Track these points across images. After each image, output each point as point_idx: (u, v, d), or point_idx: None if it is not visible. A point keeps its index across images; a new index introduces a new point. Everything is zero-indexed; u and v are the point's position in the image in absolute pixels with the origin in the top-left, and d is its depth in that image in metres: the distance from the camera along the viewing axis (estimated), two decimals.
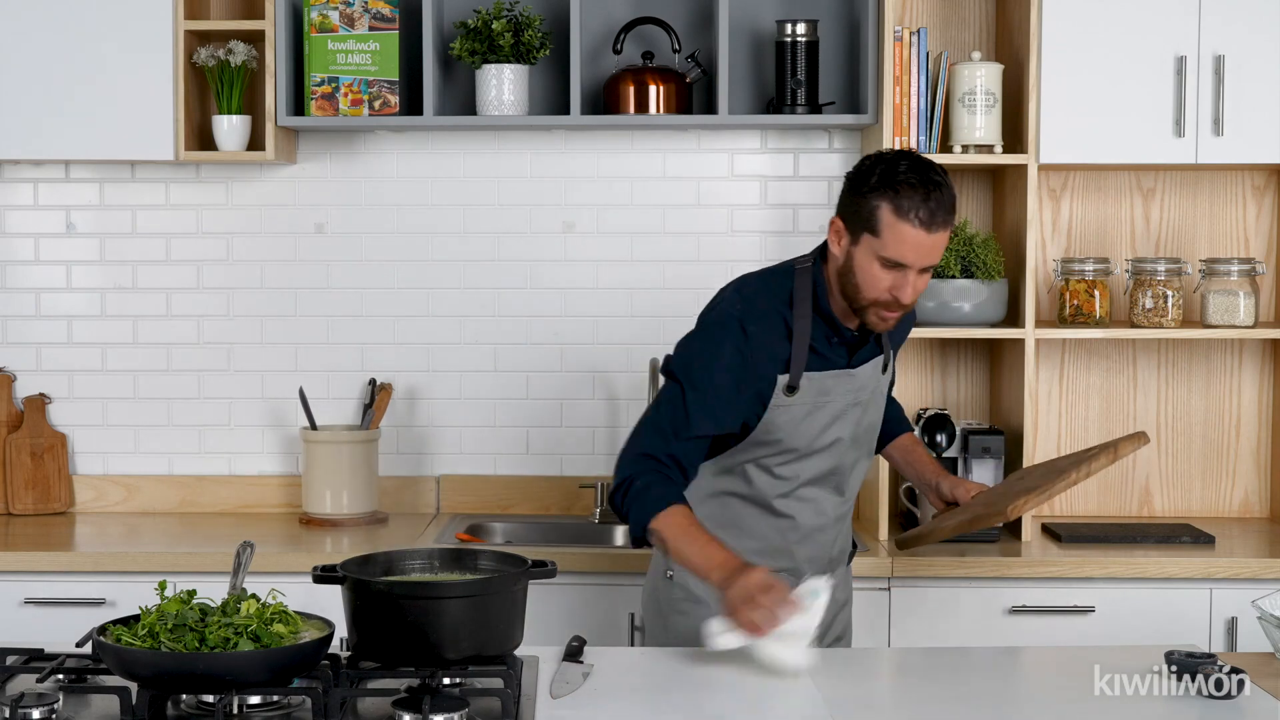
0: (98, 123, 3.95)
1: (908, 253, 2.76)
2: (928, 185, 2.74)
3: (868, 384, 2.98)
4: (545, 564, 2.60)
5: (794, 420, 2.91)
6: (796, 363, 2.88)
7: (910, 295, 2.80)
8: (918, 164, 2.78)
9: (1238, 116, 3.86)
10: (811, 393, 2.90)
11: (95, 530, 4.10)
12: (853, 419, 2.97)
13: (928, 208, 2.74)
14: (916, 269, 2.78)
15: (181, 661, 2.24)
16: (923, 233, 2.74)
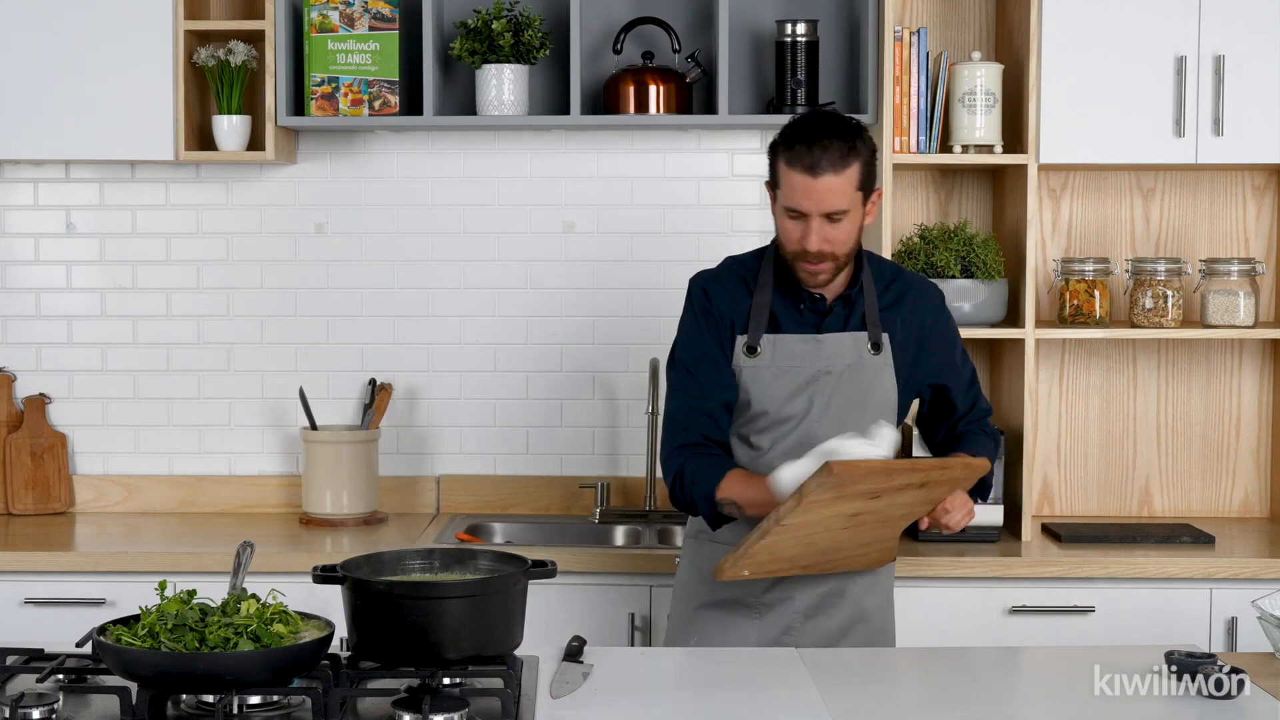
0: (98, 123, 3.95)
1: (800, 199, 2.90)
2: (814, 133, 2.89)
3: (842, 355, 3.02)
4: (545, 564, 2.60)
5: (759, 382, 3.01)
6: (755, 323, 3.01)
7: (815, 243, 2.91)
8: (815, 116, 2.95)
9: (1238, 116, 3.86)
10: (774, 355, 3.01)
11: (95, 530, 4.10)
12: (825, 389, 3.01)
13: (812, 154, 2.87)
14: (816, 216, 2.90)
15: (181, 661, 2.24)
16: (808, 178, 2.88)
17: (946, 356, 3.15)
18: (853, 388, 3.03)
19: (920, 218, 4.21)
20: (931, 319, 3.14)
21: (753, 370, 3.03)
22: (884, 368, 3.07)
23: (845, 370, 3.03)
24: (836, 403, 3.03)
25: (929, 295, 3.16)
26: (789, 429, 3.03)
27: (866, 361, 3.05)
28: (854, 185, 2.92)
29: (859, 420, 3.00)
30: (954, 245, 3.93)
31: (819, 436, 2.98)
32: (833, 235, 2.93)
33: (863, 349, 3.05)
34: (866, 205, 2.98)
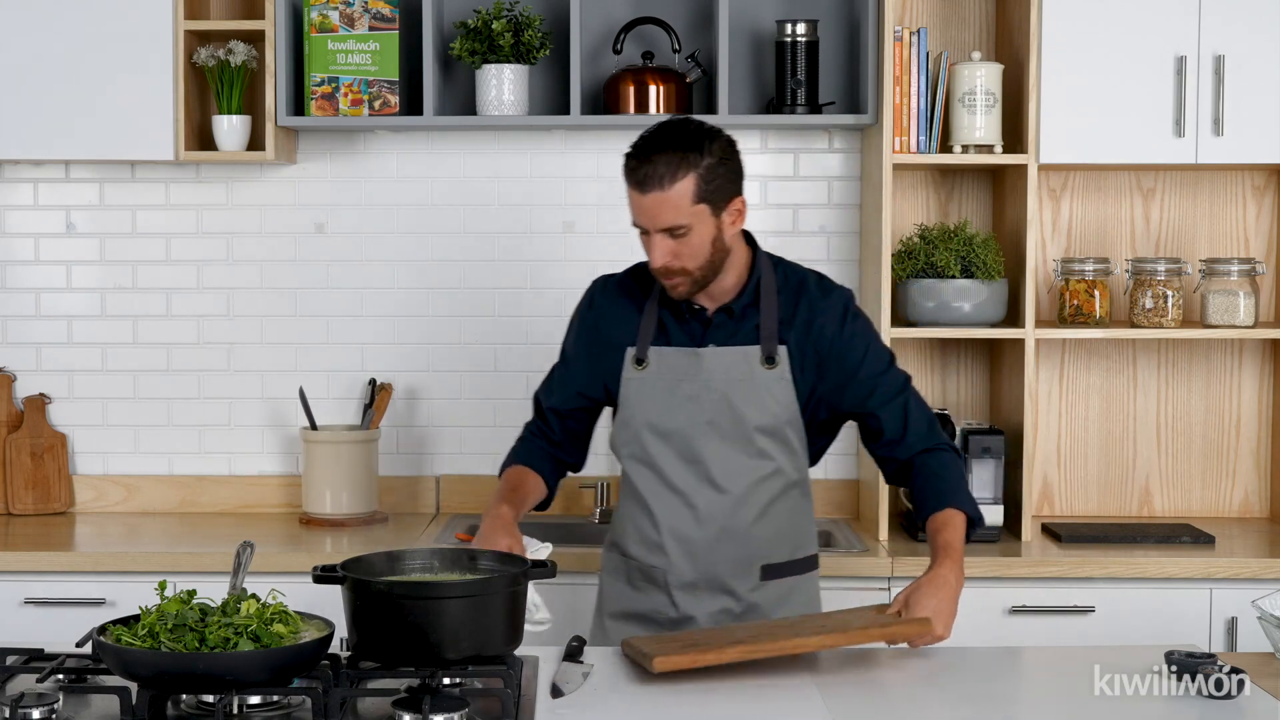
0: (98, 123, 3.95)
1: (637, 214, 2.84)
2: (647, 146, 2.81)
3: (725, 370, 2.92)
4: (545, 564, 2.60)
5: (646, 394, 2.96)
6: (643, 335, 2.97)
7: (658, 258, 2.83)
8: (658, 127, 2.84)
9: (1238, 116, 3.87)
10: (661, 368, 2.96)
11: (95, 530, 4.10)
12: (706, 405, 2.92)
13: (640, 171, 2.80)
14: (655, 231, 2.82)
15: (181, 661, 2.24)
16: (638, 194, 2.81)
17: (856, 369, 2.95)
18: (742, 402, 2.92)
19: (920, 218, 4.21)
20: (834, 330, 2.95)
21: (639, 382, 2.96)
22: (779, 382, 2.92)
23: (734, 385, 2.92)
24: (722, 418, 2.92)
25: (830, 304, 2.97)
26: (673, 443, 2.95)
27: (759, 376, 2.92)
28: (689, 199, 2.78)
29: (746, 435, 2.92)
30: (954, 245, 3.94)
31: (702, 452, 2.92)
32: (679, 250, 2.83)
33: (753, 363, 2.92)
34: (721, 216, 2.83)
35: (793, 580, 3.04)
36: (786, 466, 2.98)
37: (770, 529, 2.99)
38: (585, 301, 3.10)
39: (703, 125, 2.86)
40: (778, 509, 3.00)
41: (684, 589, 2.98)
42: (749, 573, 2.98)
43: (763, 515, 2.98)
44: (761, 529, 2.98)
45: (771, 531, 2.99)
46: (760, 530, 2.98)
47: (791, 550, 3.04)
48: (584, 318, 3.08)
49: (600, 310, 3.05)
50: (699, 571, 2.97)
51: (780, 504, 3.00)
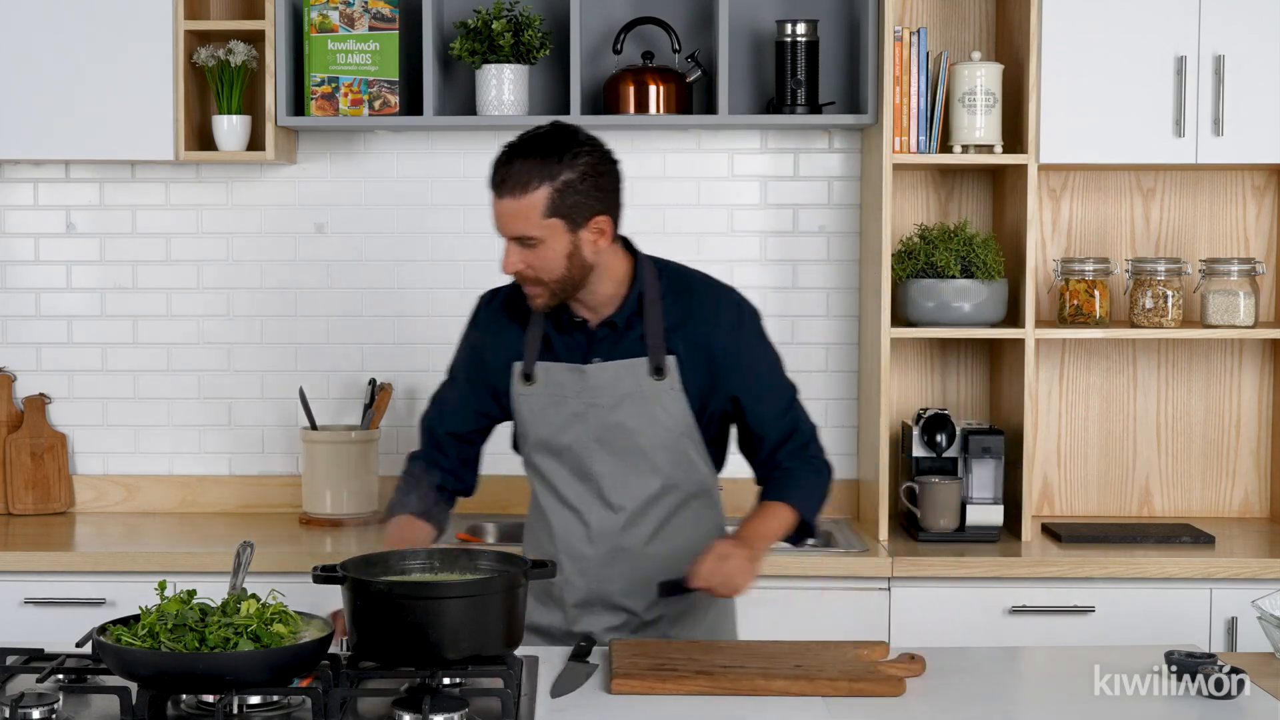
0: (98, 123, 3.95)
1: (494, 219, 2.76)
2: (513, 150, 2.73)
3: (612, 386, 2.84)
4: (545, 564, 2.60)
5: (535, 411, 2.89)
6: (529, 351, 2.89)
7: (508, 265, 2.76)
8: (532, 134, 2.75)
9: (1238, 116, 3.86)
10: (548, 384, 2.88)
11: (95, 530, 4.10)
12: (593, 421, 2.85)
13: (498, 174, 2.73)
14: (508, 238, 2.74)
15: (181, 661, 2.24)
16: (494, 196, 2.74)
17: (746, 374, 2.88)
18: (632, 418, 2.84)
19: (920, 218, 4.21)
20: (725, 335, 2.87)
21: (527, 398, 2.89)
22: (670, 392, 2.83)
23: (620, 401, 2.83)
24: (610, 435, 2.84)
25: (721, 310, 2.89)
26: (565, 461, 2.89)
27: (647, 389, 2.83)
28: (539, 212, 2.69)
29: (639, 451, 2.85)
30: (954, 245, 3.94)
31: (593, 470, 2.86)
32: (530, 260, 2.74)
33: (641, 376, 2.83)
34: (579, 233, 2.73)
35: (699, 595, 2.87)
36: (684, 481, 2.90)
37: (667, 547, 2.90)
38: (471, 319, 3.03)
39: (576, 135, 2.74)
40: (676, 525, 2.91)
41: (579, 606, 2.92)
42: (644, 591, 2.89)
43: (658, 533, 2.89)
44: (657, 547, 2.89)
45: (668, 549, 2.89)
46: (656, 549, 2.89)
47: None
48: (470, 336, 3.01)
49: (486, 327, 2.98)
50: (592, 590, 2.90)
51: (678, 520, 2.91)
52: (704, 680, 2.52)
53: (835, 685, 2.51)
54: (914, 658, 2.64)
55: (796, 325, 4.26)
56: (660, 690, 2.50)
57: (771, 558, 3.78)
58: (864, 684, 2.52)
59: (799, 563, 3.72)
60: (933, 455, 3.94)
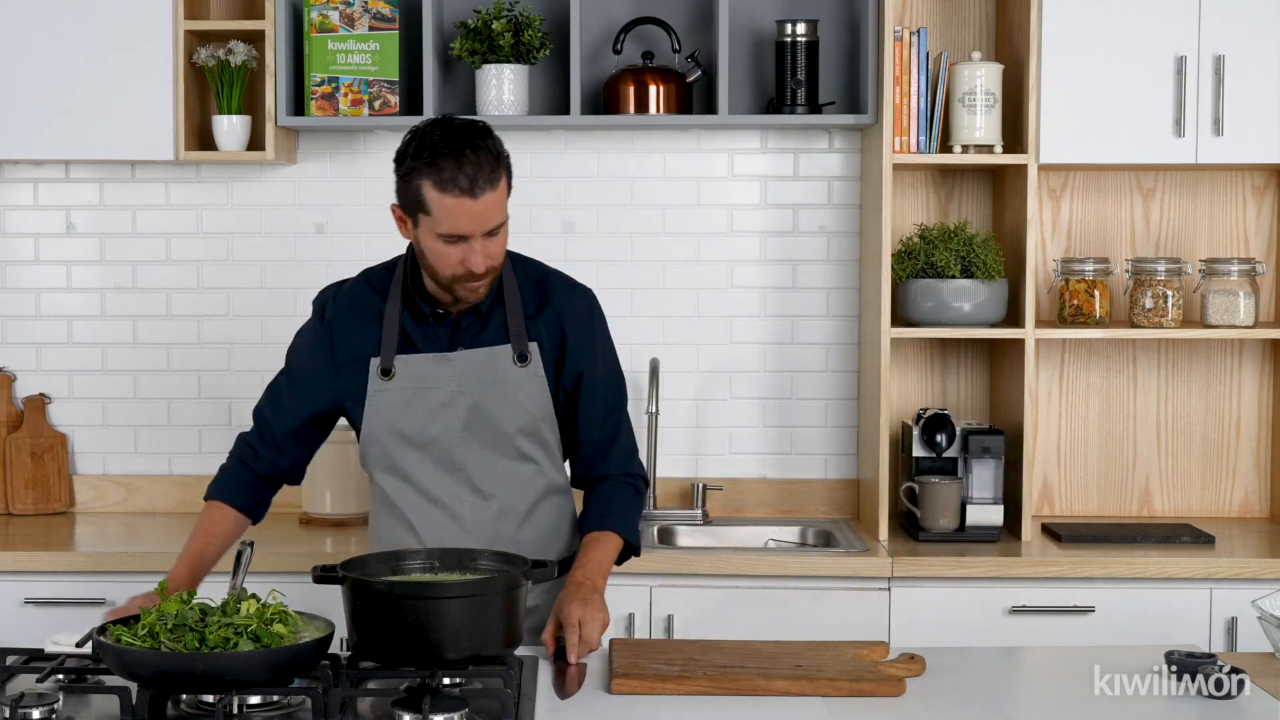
0: (98, 123, 3.95)
1: (462, 223, 2.70)
2: (461, 151, 2.68)
3: (479, 372, 2.84)
4: (545, 564, 2.60)
5: (396, 406, 2.85)
6: (386, 345, 2.85)
7: (482, 263, 2.73)
8: (450, 130, 2.72)
9: (1238, 116, 3.86)
10: (409, 377, 2.84)
11: (95, 530, 4.10)
12: (461, 408, 2.83)
13: (466, 175, 2.68)
14: (478, 236, 2.72)
15: (181, 661, 2.24)
16: (468, 200, 2.69)
17: (587, 365, 2.91)
18: (498, 405, 2.84)
19: (920, 218, 4.21)
20: (582, 328, 2.92)
21: (385, 394, 2.85)
22: (533, 379, 2.85)
23: (487, 387, 2.84)
24: (478, 422, 2.84)
25: (575, 302, 2.94)
26: (431, 453, 2.86)
27: (512, 375, 2.84)
28: (506, 195, 2.77)
29: (503, 438, 2.85)
30: (954, 245, 3.94)
31: (462, 459, 2.85)
32: (492, 249, 2.76)
33: (505, 362, 2.84)
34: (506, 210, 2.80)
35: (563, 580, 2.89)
36: (547, 467, 2.92)
37: (536, 534, 2.91)
38: (316, 314, 2.96)
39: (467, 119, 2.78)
40: (542, 511, 2.92)
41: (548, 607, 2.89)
42: None
43: (527, 520, 2.90)
44: (527, 534, 2.90)
45: (537, 536, 2.91)
46: (526, 535, 2.89)
47: (559, 553, 2.95)
48: (316, 331, 2.93)
49: (335, 323, 2.91)
50: None
51: (544, 506, 2.92)
52: (704, 680, 2.52)
53: (835, 685, 2.52)
54: (914, 658, 2.64)
55: (796, 325, 4.27)
56: (660, 690, 2.51)
57: (771, 558, 3.79)
58: (864, 684, 2.52)
59: (799, 563, 3.72)
60: (933, 455, 3.94)
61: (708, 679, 2.52)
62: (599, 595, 2.75)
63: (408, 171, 2.75)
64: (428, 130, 2.75)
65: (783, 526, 4.14)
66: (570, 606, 2.69)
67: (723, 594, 3.71)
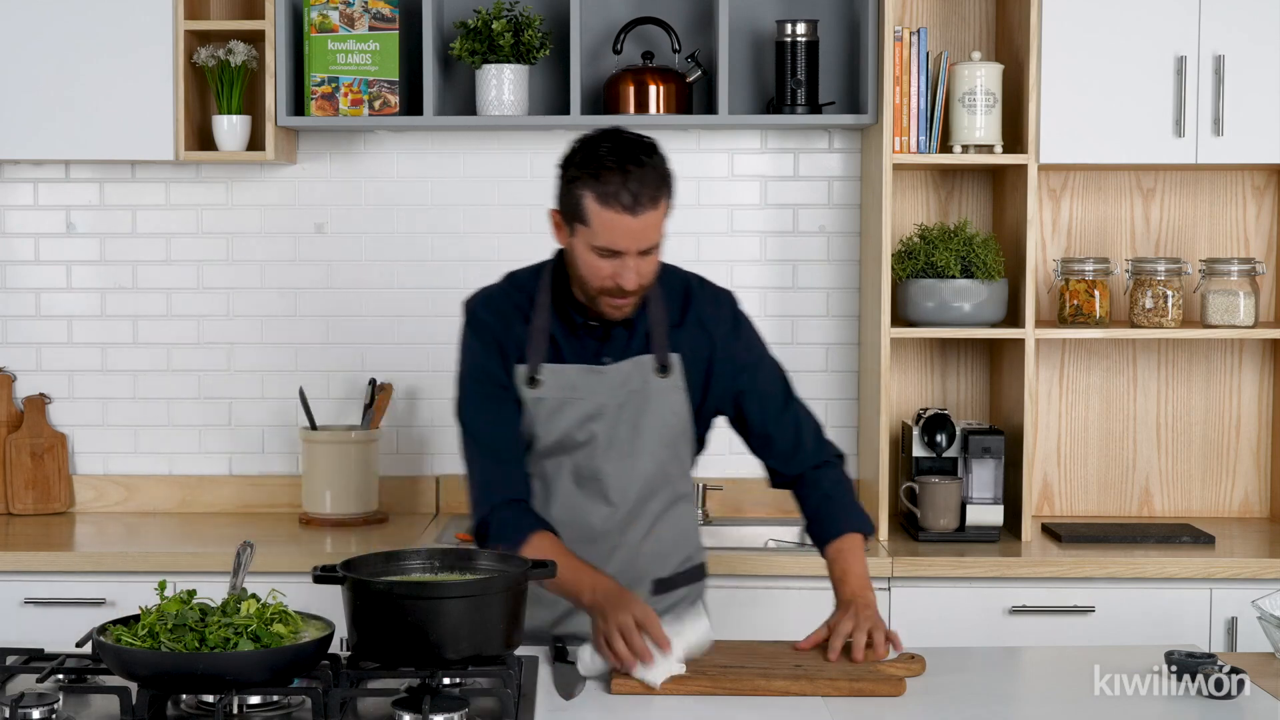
0: (98, 123, 3.95)
1: (619, 238, 2.66)
2: (627, 166, 2.64)
3: (624, 384, 2.82)
4: (545, 564, 2.59)
5: (544, 415, 2.83)
6: (534, 353, 2.83)
7: (633, 281, 2.69)
8: (619, 144, 2.67)
9: (1238, 116, 3.87)
10: (557, 386, 2.82)
11: (95, 530, 4.10)
12: (607, 420, 2.82)
13: (629, 191, 2.63)
14: (634, 253, 2.68)
15: (181, 661, 2.24)
16: (628, 217, 2.64)
17: (743, 370, 2.90)
18: (639, 414, 2.83)
19: (920, 218, 4.21)
20: (726, 334, 2.89)
21: (534, 402, 2.83)
22: (673, 391, 2.84)
23: (631, 398, 2.82)
24: (620, 433, 2.83)
25: (720, 306, 2.92)
26: (570, 462, 2.85)
27: (652, 386, 2.83)
28: (666, 214, 2.71)
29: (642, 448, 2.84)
30: (954, 245, 3.94)
31: (600, 469, 2.83)
32: (645, 269, 2.71)
33: (648, 373, 2.83)
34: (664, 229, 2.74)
35: (683, 590, 2.95)
36: (677, 477, 2.92)
37: (660, 543, 2.91)
38: (476, 322, 2.91)
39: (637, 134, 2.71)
40: (667, 520, 2.91)
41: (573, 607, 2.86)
42: (639, 588, 2.87)
43: (652, 529, 2.90)
44: (652, 544, 2.90)
45: (659, 545, 2.91)
46: (650, 545, 2.90)
47: (681, 561, 2.96)
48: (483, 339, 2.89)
49: (493, 327, 2.88)
50: None
51: (669, 515, 2.92)
52: (704, 680, 2.52)
53: (835, 685, 2.52)
54: (914, 658, 2.64)
55: (796, 325, 4.27)
56: (660, 690, 2.50)
57: (771, 558, 3.79)
58: (864, 684, 2.52)
59: (799, 563, 3.72)
60: (933, 455, 3.94)
61: (708, 679, 2.52)
62: (871, 610, 2.71)
63: (571, 179, 2.69)
64: (596, 140, 2.69)
65: (783, 526, 4.14)
66: (843, 624, 2.68)
67: (723, 594, 3.70)
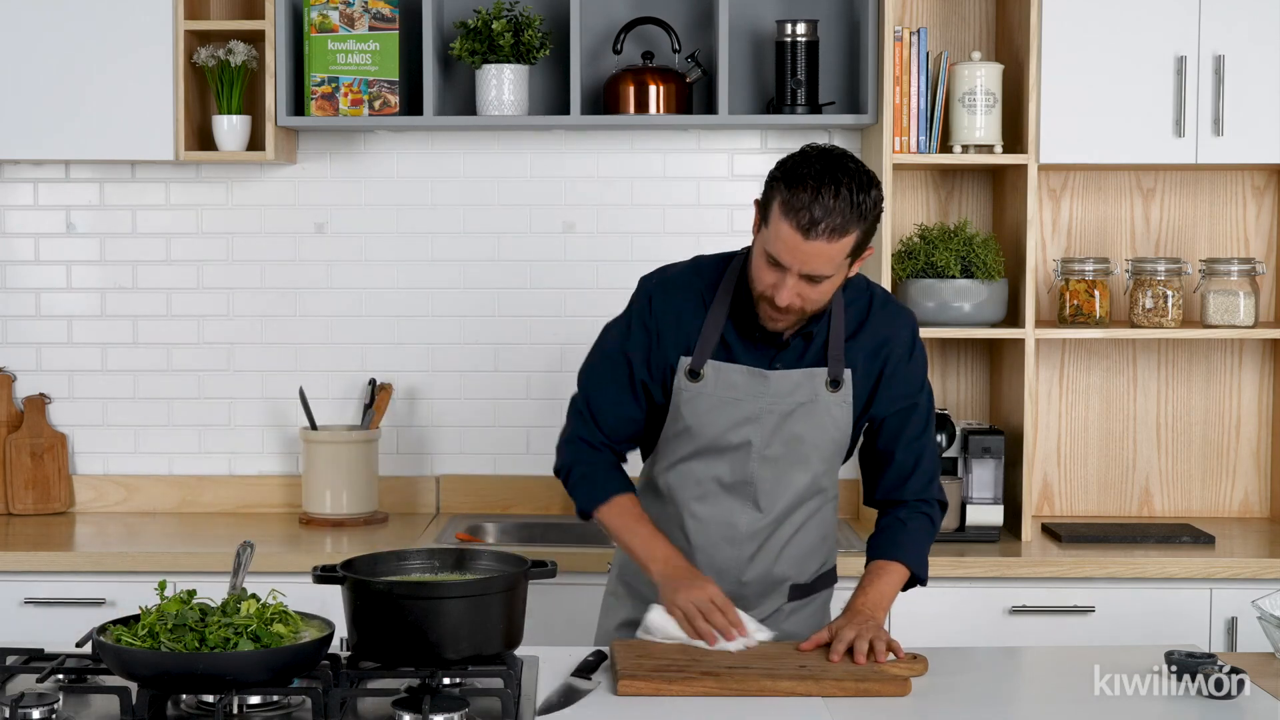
0: (98, 123, 3.94)
1: (783, 252, 2.61)
2: (822, 188, 2.57)
3: (792, 394, 2.79)
4: (545, 564, 2.60)
5: (700, 411, 2.81)
6: (702, 347, 2.80)
7: (785, 298, 2.64)
8: (830, 163, 2.61)
9: (1238, 116, 3.86)
10: (717, 384, 2.79)
11: (95, 530, 4.10)
12: (767, 426, 2.80)
13: (811, 213, 2.57)
14: (795, 273, 2.62)
15: (181, 661, 2.24)
16: (799, 237, 2.58)
17: (905, 392, 2.86)
18: (802, 425, 2.81)
19: (920, 218, 4.21)
20: (901, 356, 2.86)
21: (692, 396, 2.80)
22: (841, 405, 2.82)
23: (795, 408, 2.80)
24: (777, 441, 2.81)
25: (900, 328, 2.86)
26: (723, 462, 2.83)
27: (822, 399, 2.80)
28: (845, 253, 2.62)
29: (802, 459, 2.82)
30: (954, 245, 3.94)
31: (754, 475, 2.82)
32: (807, 294, 2.66)
33: (819, 386, 2.80)
34: (854, 264, 2.69)
35: (818, 595, 2.99)
36: (828, 486, 2.91)
37: (801, 549, 2.91)
38: (644, 302, 2.87)
39: (863, 168, 2.64)
40: (811, 527, 2.91)
41: None
42: (777, 592, 2.91)
43: (796, 535, 2.89)
44: (793, 549, 2.90)
45: (801, 551, 2.91)
46: (792, 551, 2.90)
47: (818, 567, 2.97)
48: (646, 323, 2.85)
49: (660, 314, 2.84)
50: (727, 591, 2.79)
51: (814, 521, 2.92)
52: (709, 681, 2.52)
53: (841, 686, 2.52)
54: (916, 657, 2.64)
55: None
56: (666, 692, 2.50)
57: None
58: (870, 684, 2.52)
59: None
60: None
61: (713, 680, 2.52)
62: (875, 624, 2.70)
63: (773, 179, 2.65)
64: (818, 152, 2.64)
65: None
66: (845, 630, 2.67)
67: None
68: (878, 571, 2.85)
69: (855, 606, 2.77)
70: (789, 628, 2.91)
